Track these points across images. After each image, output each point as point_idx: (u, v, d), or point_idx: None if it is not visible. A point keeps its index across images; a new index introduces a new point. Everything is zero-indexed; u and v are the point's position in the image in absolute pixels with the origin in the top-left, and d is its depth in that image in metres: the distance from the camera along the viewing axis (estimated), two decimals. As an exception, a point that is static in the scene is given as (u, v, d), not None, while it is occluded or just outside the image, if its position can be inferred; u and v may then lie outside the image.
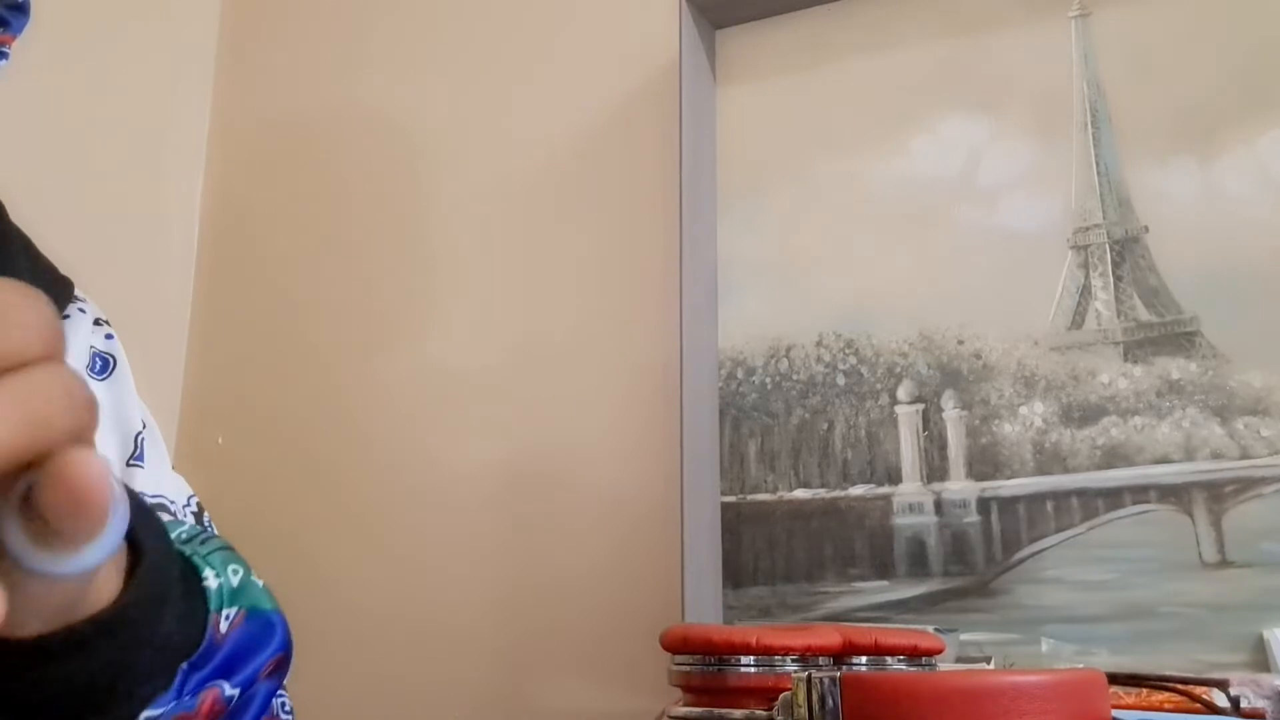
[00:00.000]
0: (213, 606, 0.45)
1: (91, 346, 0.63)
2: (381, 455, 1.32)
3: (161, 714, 0.42)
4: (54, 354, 0.29)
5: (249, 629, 0.47)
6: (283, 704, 0.55)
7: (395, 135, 1.42)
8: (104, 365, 0.63)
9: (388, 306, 1.37)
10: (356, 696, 1.25)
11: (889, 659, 0.73)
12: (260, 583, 0.50)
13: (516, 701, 1.17)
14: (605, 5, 1.32)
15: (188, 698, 0.43)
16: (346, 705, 1.24)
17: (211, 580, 0.46)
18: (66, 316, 0.63)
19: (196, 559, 0.46)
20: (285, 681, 0.54)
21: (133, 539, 0.37)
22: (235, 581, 0.47)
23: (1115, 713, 0.60)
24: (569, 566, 1.18)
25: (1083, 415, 0.99)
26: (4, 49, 0.62)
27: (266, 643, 0.49)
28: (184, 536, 0.48)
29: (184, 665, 0.43)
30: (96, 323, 0.64)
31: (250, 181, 1.52)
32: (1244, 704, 0.67)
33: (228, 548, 0.50)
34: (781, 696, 0.58)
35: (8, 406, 0.27)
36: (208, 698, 0.44)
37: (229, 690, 0.46)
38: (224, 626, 0.46)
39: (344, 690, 1.25)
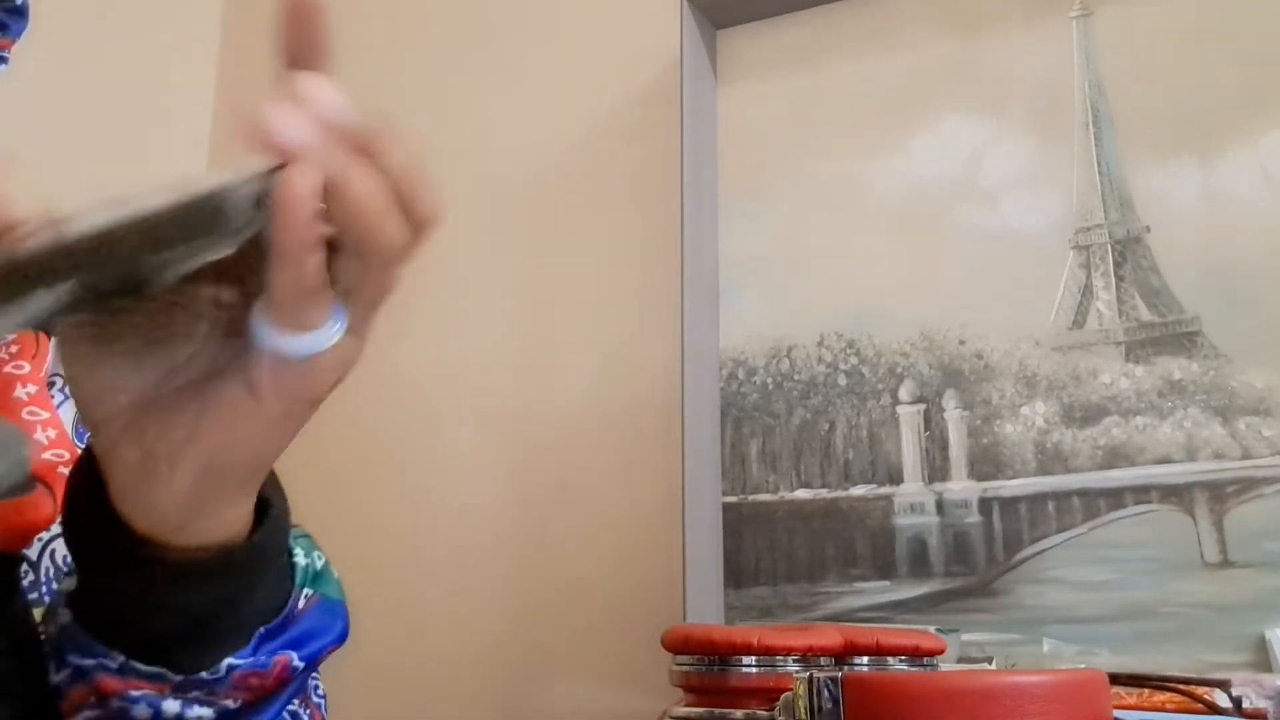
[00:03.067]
0: (297, 583, 0.48)
1: None
2: (382, 455, 1.32)
3: (242, 665, 0.44)
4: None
5: (319, 614, 0.50)
6: (315, 686, 0.56)
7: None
8: None
9: (388, 306, 1.37)
10: (357, 693, 1.25)
11: (890, 659, 0.73)
12: (336, 575, 0.53)
13: (518, 701, 1.17)
14: (606, 6, 1.32)
15: (263, 656, 0.45)
16: (346, 703, 1.24)
17: (301, 559, 0.49)
18: None
19: (289, 540, 0.49)
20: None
21: (261, 496, 0.42)
22: (319, 566, 0.51)
23: (1117, 713, 0.60)
24: (570, 566, 1.18)
25: (1084, 415, 0.99)
26: (3, 53, 0.62)
27: (331, 630, 0.51)
28: None
29: (261, 630, 0.45)
30: None
31: (251, 182, 1.52)
32: (1246, 704, 0.67)
33: (309, 537, 0.53)
34: (783, 697, 0.58)
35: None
36: (280, 660, 0.47)
37: (296, 661, 0.48)
38: (302, 603, 0.48)
39: (344, 687, 1.25)
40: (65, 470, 0.44)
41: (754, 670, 0.71)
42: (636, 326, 1.20)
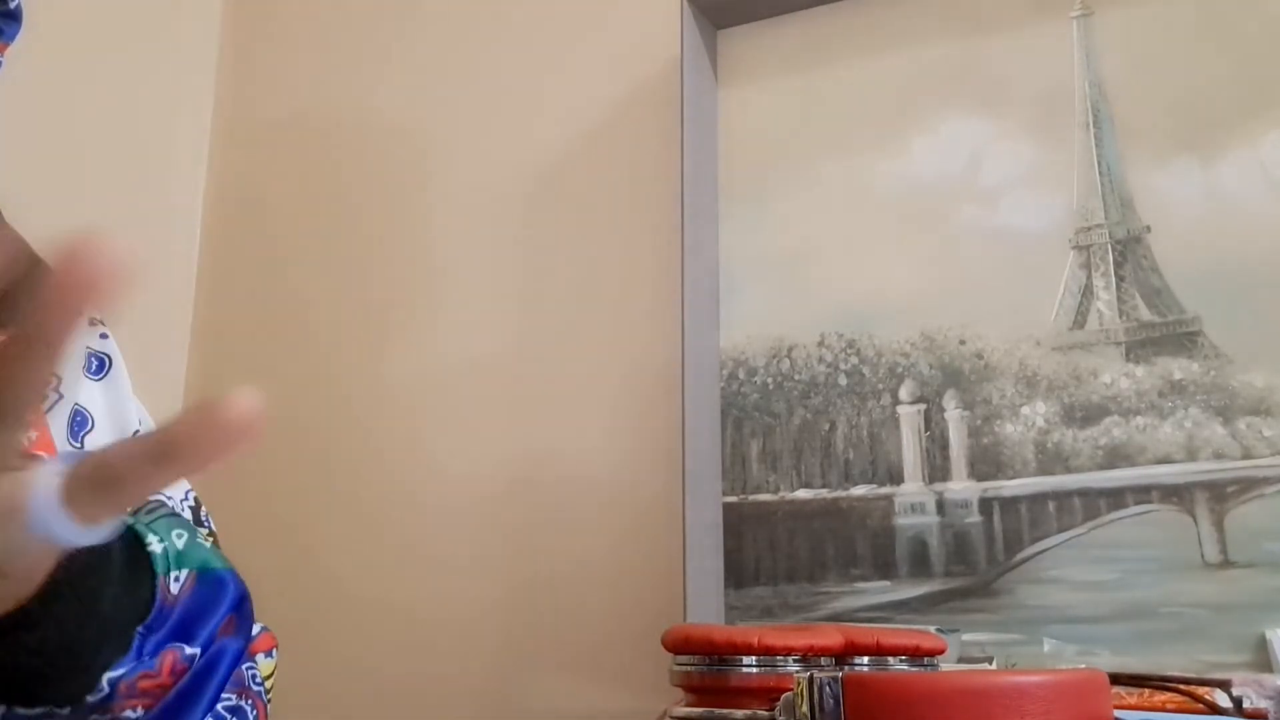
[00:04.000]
0: (159, 570, 0.46)
1: (87, 346, 0.62)
2: (383, 456, 1.32)
3: (123, 674, 0.43)
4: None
5: (201, 590, 0.48)
6: (253, 675, 0.55)
7: (397, 135, 1.42)
8: (100, 365, 0.62)
9: (389, 306, 1.37)
10: (358, 695, 1.25)
11: (891, 659, 0.73)
12: (207, 543, 0.51)
13: (518, 701, 1.17)
14: (606, 6, 1.32)
15: (147, 659, 0.44)
16: (348, 704, 1.25)
17: (155, 545, 0.47)
18: None
19: (139, 528, 0.47)
20: (271, 659, 0.55)
21: None
22: (180, 544, 0.49)
23: (1117, 713, 0.60)
24: (570, 566, 1.18)
25: (1085, 415, 0.98)
26: None
27: (220, 599, 0.50)
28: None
29: (140, 629, 0.44)
30: (91, 322, 0.64)
31: (253, 182, 1.52)
32: (1246, 704, 0.67)
33: (174, 514, 0.51)
34: (783, 697, 0.58)
35: None
36: (167, 658, 0.46)
37: (189, 650, 0.47)
38: (175, 589, 0.47)
39: (346, 689, 1.25)
40: None
41: (754, 670, 0.70)
42: (637, 326, 1.20)
